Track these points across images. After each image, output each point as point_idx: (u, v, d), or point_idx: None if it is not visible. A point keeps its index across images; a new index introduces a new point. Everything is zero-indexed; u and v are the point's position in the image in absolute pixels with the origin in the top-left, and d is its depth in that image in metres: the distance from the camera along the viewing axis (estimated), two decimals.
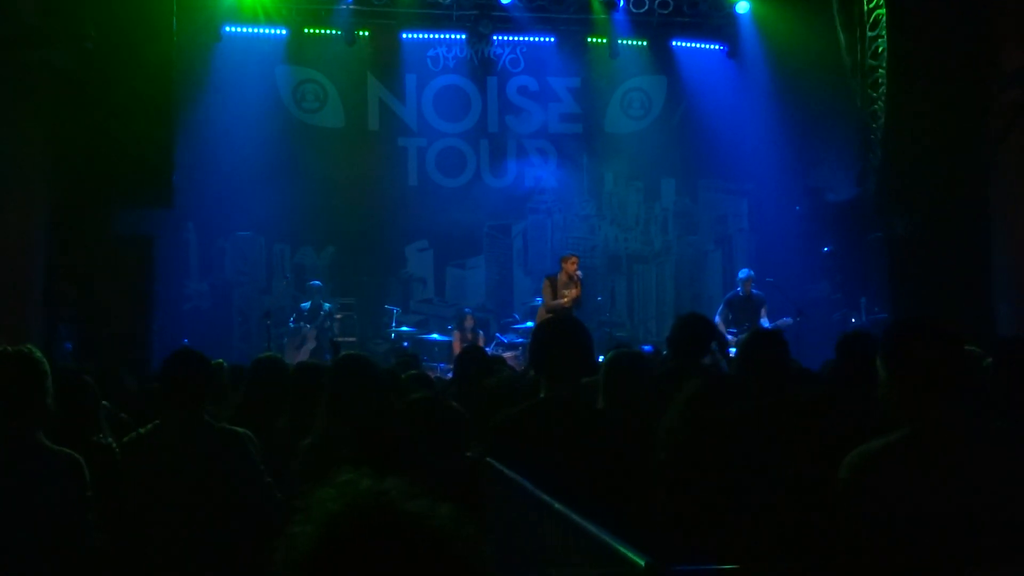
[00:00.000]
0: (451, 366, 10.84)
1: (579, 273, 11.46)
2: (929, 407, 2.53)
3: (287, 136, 13.90)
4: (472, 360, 5.79)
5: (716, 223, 15.10)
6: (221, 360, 5.91)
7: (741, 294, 12.20)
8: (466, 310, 13.18)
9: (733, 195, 15.07)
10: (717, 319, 12.29)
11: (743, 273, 12.34)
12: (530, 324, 12.51)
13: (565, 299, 11.41)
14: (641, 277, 15.10)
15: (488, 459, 2.89)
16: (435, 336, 13.00)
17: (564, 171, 14.78)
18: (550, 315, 10.92)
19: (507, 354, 11.96)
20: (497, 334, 13.20)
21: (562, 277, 11.49)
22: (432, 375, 11.00)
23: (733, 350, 5.93)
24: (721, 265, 15.07)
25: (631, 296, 15.06)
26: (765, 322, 11.78)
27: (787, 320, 11.85)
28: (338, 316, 13.02)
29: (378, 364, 4.35)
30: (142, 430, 3.96)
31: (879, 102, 11.60)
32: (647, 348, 10.60)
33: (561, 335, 3.42)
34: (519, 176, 14.68)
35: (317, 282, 13.18)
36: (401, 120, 14.47)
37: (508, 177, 14.69)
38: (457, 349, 12.27)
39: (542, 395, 3.36)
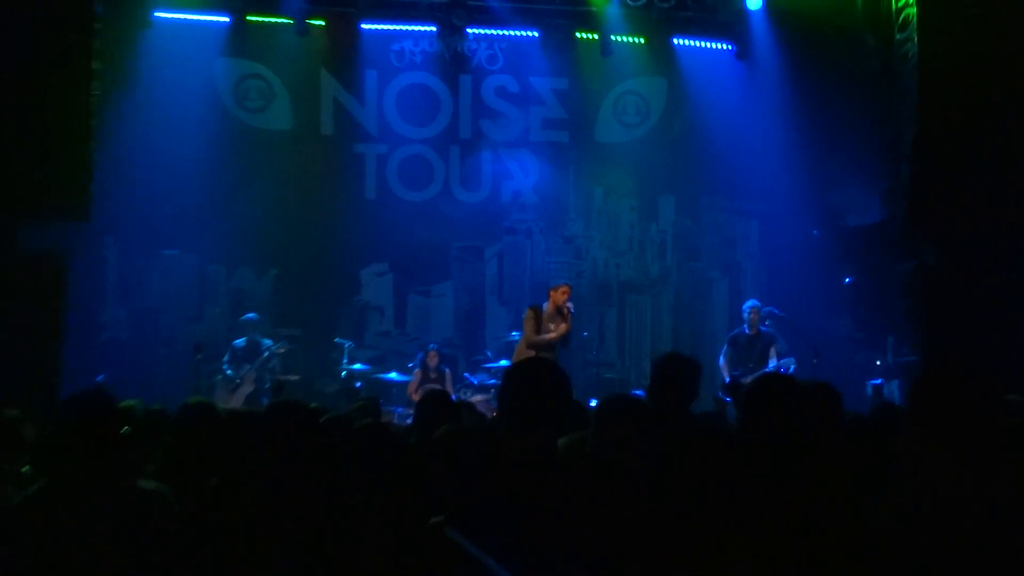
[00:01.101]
0: (411, 410, 10.78)
1: (570, 306, 11.44)
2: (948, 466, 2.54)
3: (226, 140, 13.95)
4: (435, 405, 5.77)
5: (722, 248, 15.20)
6: (134, 402, 5.85)
7: (747, 331, 12.22)
8: (430, 346, 13.17)
9: (742, 216, 15.17)
10: (721, 361, 12.30)
11: (748, 305, 12.38)
12: (504, 363, 12.56)
13: (552, 334, 11.37)
14: (635, 309, 15.14)
15: (447, 530, 2.88)
16: (393, 375, 12.93)
17: (547, 185, 14.87)
18: (531, 352, 10.92)
19: (476, 397, 11.97)
20: (465, 374, 13.24)
21: (549, 309, 11.49)
22: (390, 420, 10.96)
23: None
24: (728, 296, 15.10)
25: (623, 331, 15.09)
26: (773, 363, 11.85)
27: (789, 361, 11.85)
28: (280, 351, 12.93)
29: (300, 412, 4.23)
30: (29, 491, 3.76)
31: (908, 112, 11.67)
32: (640, 393, 10.55)
33: (535, 377, 3.49)
34: (495, 190, 14.77)
35: (252, 315, 13.14)
36: (359, 123, 14.54)
37: (482, 191, 14.76)
38: (415, 390, 12.23)
39: (510, 449, 3.42)
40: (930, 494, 2.83)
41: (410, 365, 13.23)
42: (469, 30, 14.37)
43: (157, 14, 13.45)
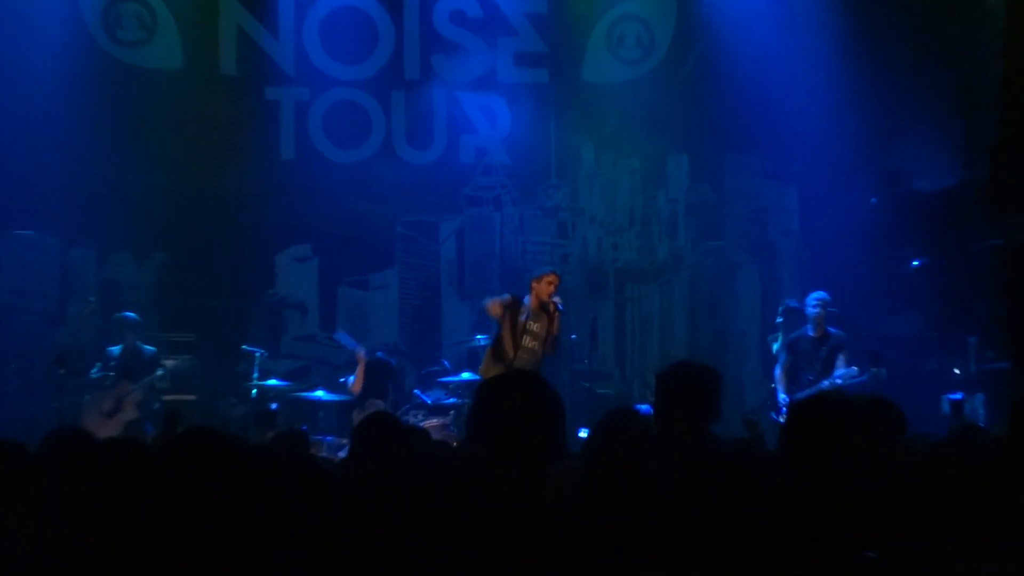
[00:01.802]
0: (345, 440, 10.75)
1: (557, 301, 11.43)
2: None
3: (94, 84, 13.90)
4: (377, 432, 5.76)
5: (751, 222, 15.19)
6: None
7: (811, 333, 12.21)
8: (377, 353, 13.11)
9: (776, 181, 15.16)
10: (778, 372, 12.40)
11: (815, 299, 12.26)
12: (468, 376, 12.51)
13: (528, 339, 11.39)
14: (638, 304, 15.15)
15: None
16: (320, 394, 12.77)
17: (521, 141, 14.85)
18: (500, 364, 10.92)
19: (431, 421, 11.96)
20: (416, 391, 13.14)
21: (532, 303, 11.49)
22: (317, 451, 10.94)
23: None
24: (759, 284, 15.13)
25: (622, 333, 15.13)
26: (841, 374, 11.87)
27: (853, 372, 11.90)
28: (167, 362, 12.92)
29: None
30: None
31: (991, 47, 11.69)
32: (645, 409, 10.57)
33: (517, 394, 3.57)
34: (451, 147, 14.78)
35: (131, 314, 13.03)
36: (271, 61, 14.56)
37: (435, 149, 14.77)
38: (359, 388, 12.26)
39: (484, 488, 3.50)
40: None
41: (342, 380, 13.16)
42: None
43: None
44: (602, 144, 15.07)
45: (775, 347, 13.15)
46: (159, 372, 12.65)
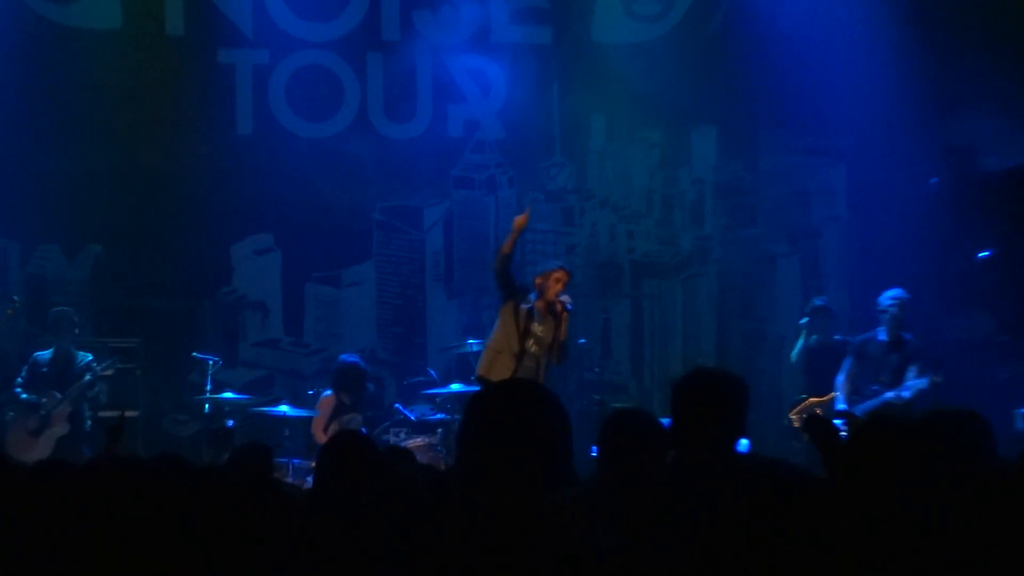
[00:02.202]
0: (314, 463, 10.72)
1: (566, 301, 11.44)
2: None
3: (16, 45, 13.89)
4: (348, 455, 5.69)
5: (790, 206, 15.25)
6: None
7: (883, 337, 12.27)
8: (344, 358, 13.02)
9: (821, 158, 15.22)
10: (841, 379, 12.41)
11: (891, 297, 12.26)
12: (458, 387, 12.50)
13: (531, 342, 11.38)
14: (658, 302, 15.19)
15: None
16: (285, 409, 12.75)
17: (520, 112, 14.87)
18: (489, 376, 11.01)
19: (415, 441, 12.00)
20: (397, 405, 13.18)
21: (537, 302, 11.51)
22: (282, 476, 10.92)
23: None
24: (800, 279, 15.19)
25: (639, 336, 15.19)
26: (911, 385, 11.93)
27: (924, 384, 11.85)
28: (107, 372, 12.92)
29: None
30: None
31: None
32: (666, 424, 10.59)
33: (514, 406, 3.55)
34: (438, 120, 14.78)
35: (67, 308, 13.15)
36: (225, 19, 14.54)
37: (418, 122, 14.78)
38: (320, 431, 12.20)
39: (476, 517, 3.49)
40: None
41: (311, 392, 13.17)
42: None
43: None
44: (615, 115, 15.09)
45: (794, 354, 13.18)
46: (87, 378, 12.65)
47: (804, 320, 13.14)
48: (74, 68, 14.09)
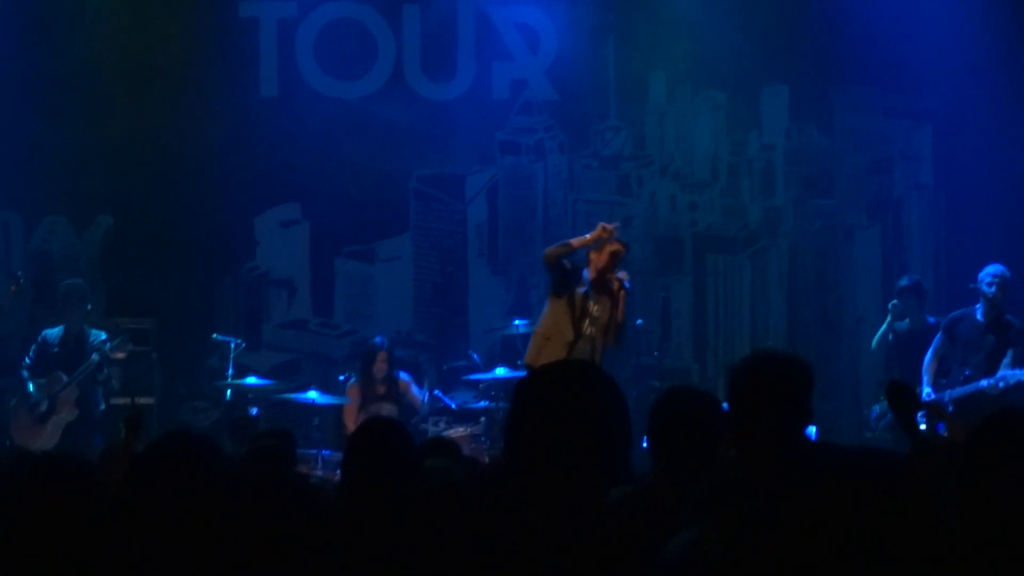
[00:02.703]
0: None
1: (623, 278, 11.36)
2: None
3: (13, 2, 14.01)
4: (381, 443, 5.73)
5: (871, 174, 15.15)
6: None
7: (979, 317, 12.21)
8: (377, 341, 12.95)
9: (904, 121, 15.12)
10: (928, 359, 12.39)
11: (992, 273, 12.15)
12: (503, 372, 12.52)
13: (587, 323, 11.22)
14: (723, 279, 15.12)
15: None
16: (314, 395, 12.73)
17: (572, 70, 14.80)
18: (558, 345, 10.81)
19: (455, 431, 12.09)
20: (437, 392, 13.23)
21: (591, 278, 11.42)
22: (309, 470, 10.86)
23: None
24: (880, 253, 15.18)
25: (703, 316, 15.18)
26: (1011, 375, 11.84)
27: (1022, 374, 11.84)
28: (120, 355, 12.80)
29: None
30: None
31: None
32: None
33: (569, 392, 3.51)
34: (481, 79, 14.76)
35: (78, 281, 13.17)
36: None
37: (460, 81, 14.76)
38: (352, 421, 12.15)
39: (526, 517, 3.45)
40: None
41: (342, 378, 13.20)
42: None
43: None
44: (676, 73, 15.06)
45: (876, 339, 12.98)
46: (94, 358, 12.55)
47: (894, 303, 12.91)
48: (81, 25, 14.16)
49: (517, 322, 12.80)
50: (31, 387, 12.66)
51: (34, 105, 13.90)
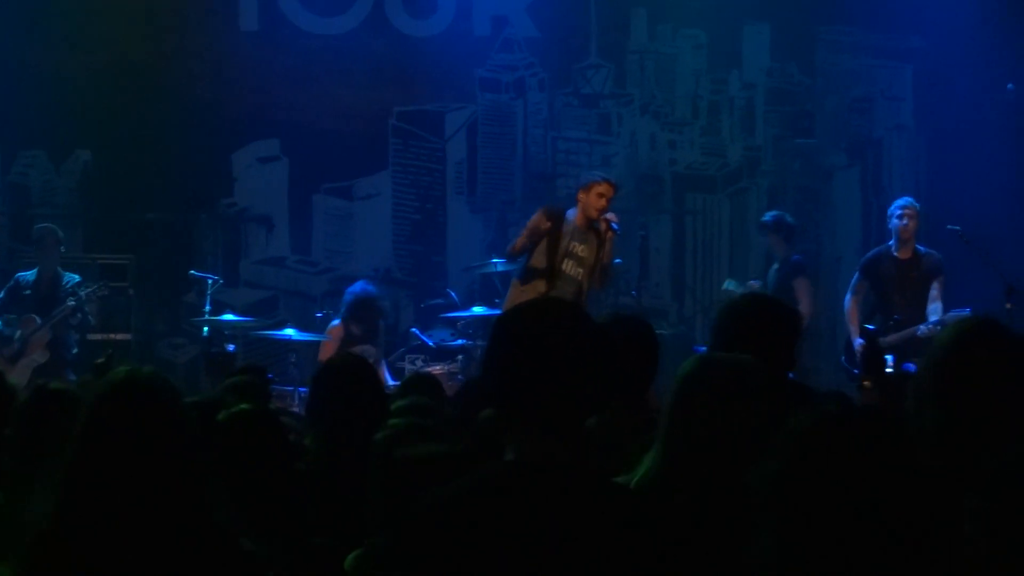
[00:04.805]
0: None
1: (612, 219, 11.29)
2: None
3: None
4: (354, 383, 5.78)
5: (851, 114, 15.17)
6: None
7: (895, 253, 12.15)
8: (356, 289, 12.96)
9: (886, 60, 15.14)
10: (848, 302, 12.51)
11: (900, 206, 12.23)
12: (481, 310, 12.51)
13: (571, 264, 11.22)
14: (703, 219, 15.14)
15: None
16: (291, 332, 12.80)
17: (551, 6, 14.83)
18: (524, 285, 11.14)
19: (432, 369, 12.07)
20: (414, 329, 13.30)
21: (578, 219, 11.33)
22: (286, 406, 10.88)
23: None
24: (859, 194, 15.19)
25: (681, 257, 15.17)
26: (935, 309, 11.85)
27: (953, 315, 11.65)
28: (93, 298, 12.89)
29: None
30: None
31: None
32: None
33: (546, 335, 3.45)
34: (461, 15, 14.71)
35: (51, 225, 13.13)
36: None
37: (440, 17, 14.69)
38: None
39: (508, 458, 3.44)
40: None
41: (320, 315, 13.22)
42: None
43: None
44: (657, 11, 15.02)
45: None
46: (69, 303, 12.54)
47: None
48: None
49: (495, 260, 12.65)
50: (1, 324, 12.64)
51: (12, 39, 13.78)
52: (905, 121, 15.17)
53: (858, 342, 12.00)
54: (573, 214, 11.37)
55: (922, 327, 11.57)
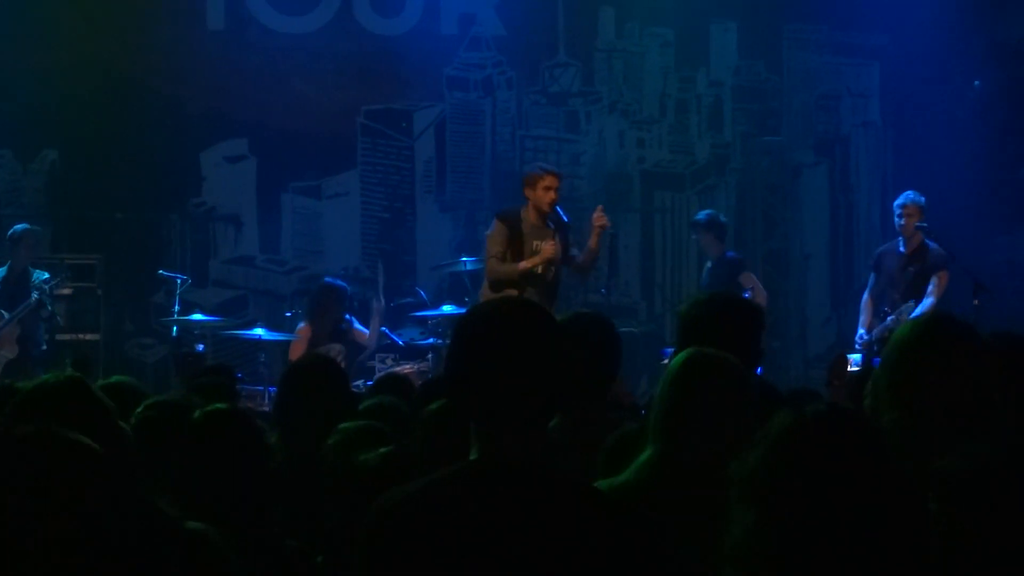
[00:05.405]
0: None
1: (602, 223, 11.40)
2: None
3: None
4: (321, 382, 5.77)
5: (818, 111, 15.19)
6: None
7: (901, 249, 12.21)
8: (325, 280, 13.01)
9: (851, 58, 15.19)
10: (865, 298, 12.51)
11: (903, 203, 12.11)
12: (450, 308, 12.52)
13: (532, 261, 11.15)
14: (671, 216, 15.10)
15: None
16: (260, 332, 12.87)
17: (520, 5, 14.82)
18: (495, 293, 10.81)
19: (406, 366, 12.20)
20: (384, 328, 13.15)
21: (528, 216, 11.29)
22: (254, 406, 10.90)
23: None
24: (827, 192, 15.21)
25: (650, 254, 15.16)
26: (921, 305, 11.78)
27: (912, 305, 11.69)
28: (65, 290, 12.90)
29: None
30: None
31: None
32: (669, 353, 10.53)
33: (509, 333, 3.44)
34: (429, 14, 14.68)
35: (24, 225, 13.06)
36: None
37: (407, 16, 14.67)
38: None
39: (473, 457, 3.42)
40: None
41: (289, 314, 13.23)
42: None
43: None
44: (625, 9, 15.02)
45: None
46: (34, 296, 12.51)
47: (694, 238, 13.10)
48: None
49: (464, 259, 12.76)
50: None
51: None
52: (872, 118, 15.23)
53: (860, 335, 12.14)
54: (524, 212, 11.33)
55: (889, 319, 11.68)
